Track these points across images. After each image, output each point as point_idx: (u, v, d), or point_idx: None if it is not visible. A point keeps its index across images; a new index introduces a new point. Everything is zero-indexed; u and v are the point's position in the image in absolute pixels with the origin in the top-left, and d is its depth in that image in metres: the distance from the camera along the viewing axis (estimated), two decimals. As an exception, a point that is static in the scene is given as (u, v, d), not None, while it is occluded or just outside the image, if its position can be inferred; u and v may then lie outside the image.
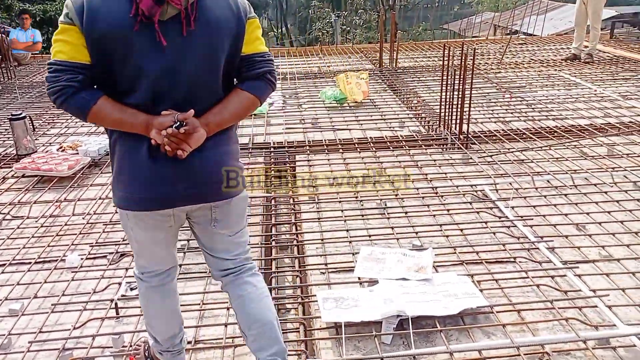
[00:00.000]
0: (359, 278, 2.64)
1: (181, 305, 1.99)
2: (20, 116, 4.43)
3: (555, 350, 2.13)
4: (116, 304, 2.49)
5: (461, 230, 3.10)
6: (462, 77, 4.32)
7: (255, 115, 5.52)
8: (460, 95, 4.37)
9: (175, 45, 1.54)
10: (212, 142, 1.66)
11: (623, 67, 7.23)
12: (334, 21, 20.61)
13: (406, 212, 3.35)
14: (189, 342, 2.20)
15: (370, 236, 3.07)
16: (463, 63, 4.27)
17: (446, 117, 4.67)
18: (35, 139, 4.74)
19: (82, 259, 2.92)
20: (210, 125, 1.63)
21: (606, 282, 2.56)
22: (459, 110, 4.44)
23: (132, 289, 2.63)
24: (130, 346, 2.22)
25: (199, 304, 2.50)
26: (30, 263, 2.90)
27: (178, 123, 1.55)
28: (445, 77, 4.60)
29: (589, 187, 3.59)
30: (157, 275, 1.83)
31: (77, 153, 4.39)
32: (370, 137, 4.71)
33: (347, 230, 3.14)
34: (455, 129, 4.54)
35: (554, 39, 10.35)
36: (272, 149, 4.52)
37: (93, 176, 4.09)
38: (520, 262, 2.75)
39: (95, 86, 1.58)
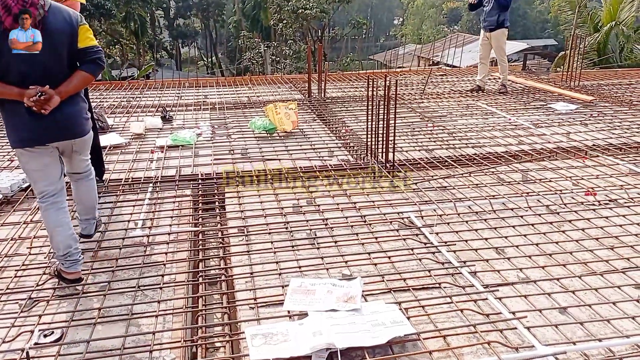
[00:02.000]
0: (289, 311, 2.61)
1: (102, 350, 1.88)
2: None
3: (480, 373, 2.19)
4: (27, 353, 2.30)
5: (389, 257, 3.16)
6: (386, 107, 4.47)
7: (182, 146, 5.43)
8: (385, 125, 4.51)
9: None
10: (66, 103, 2.74)
11: (534, 97, 7.76)
12: (263, 51, 20.81)
13: (336, 242, 3.37)
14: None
15: (300, 267, 3.06)
16: (387, 94, 4.42)
17: (373, 146, 4.79)
18: (-61, 176, 4.39)
19: (-11, 305, 2.70)
20: (62, 93, 2.70)
21: (525, 303, 2.68)
22: (385, 139, 4.57)
23: (45, 336, 2.46)
24: None
25: (120, 348, 2.37)
26: None
27: (40, 93, 2.60)
28: (370, 107, 4.74)
29: (507, 211, 3.78)
30: (51, 195, 2.81)
31: (-13, 190, 4.09)
32: (300, 167, 4.73)
33: (277, 262, 3.11)
34: (382, 157, 4.67)
35: (472, 70, 10.98)
36: (200, 181, 4.44)
37: (4, 215, 3.82)
38: (445, 287, 2.83)
39: None
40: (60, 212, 2.82)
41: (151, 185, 4.33)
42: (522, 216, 3.70)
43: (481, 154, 5.05)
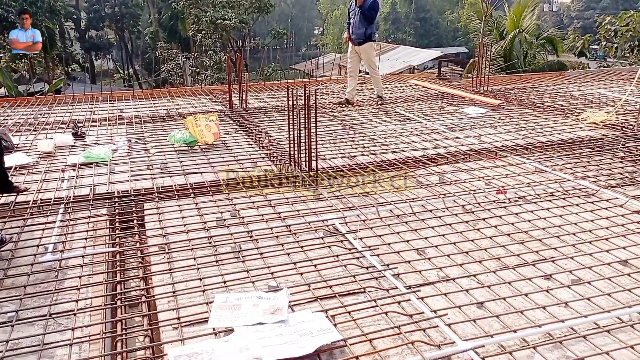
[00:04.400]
0: (214, 329, 2.55)
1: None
2: None
3: (405, 374, 2.24)
4: None
5: (315, 266, 3.16)
6: (306, 116, 4.51)
7: (97, 163, 5.18)
8: (307, 134, 4.54)
9: None
10: None
11: (448, 102, 8.13)
12: (182, 62, 20.35)
13: (261, 253, 3.34)
14: None
15: (225, 282, 2.99)
16: (306, 103, 4.45)
17: (296, 155, 4.81)
18: None
19: None
20: None
21: (445, 301, 2.78)
22: (307, 147, 4.60)
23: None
24: None
25: (31, 384, 2.20)
26: None
27: None
28: (292, 117, 4.75)
29: (426, 213, 3.92)
30: None
31: None
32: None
33: (201, 279, 3.02)
34: (306, 166, 4.69)
35: (390, 78, 11.34)
36: (116, 199, 4.24)
37: None
38: (369, 291, 2.87)
39: None
40: None
41: (63, 206, 4.09)
42: (440, 217, 3.84)
43: (400, 158, 5.20)
